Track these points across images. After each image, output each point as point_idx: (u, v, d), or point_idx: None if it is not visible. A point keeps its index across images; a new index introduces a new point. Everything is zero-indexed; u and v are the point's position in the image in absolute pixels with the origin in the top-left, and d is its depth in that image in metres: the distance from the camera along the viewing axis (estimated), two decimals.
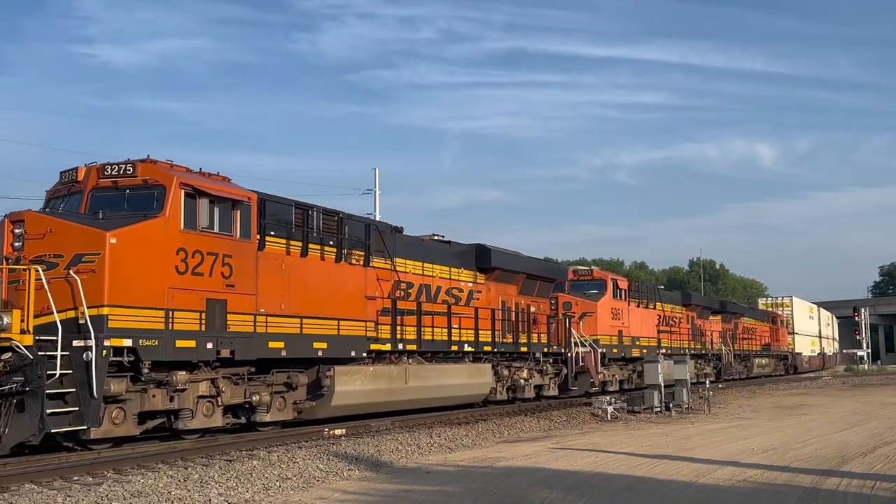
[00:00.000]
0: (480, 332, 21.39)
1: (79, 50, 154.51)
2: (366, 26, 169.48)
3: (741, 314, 48.30)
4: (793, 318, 60.04)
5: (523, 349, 23.54)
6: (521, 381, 23.45)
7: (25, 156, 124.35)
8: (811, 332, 66.31)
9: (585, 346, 25.84)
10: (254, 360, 14.61)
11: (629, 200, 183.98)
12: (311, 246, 15.80)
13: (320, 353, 15.75)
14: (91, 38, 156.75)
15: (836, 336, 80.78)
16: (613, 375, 29.38)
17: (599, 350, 26.48)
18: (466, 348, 20.87)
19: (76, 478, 10.51)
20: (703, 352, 38.89)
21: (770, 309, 59.38)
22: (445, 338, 19.94)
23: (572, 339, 25.56)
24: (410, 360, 18.83)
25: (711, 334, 40.93)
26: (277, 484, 10.47)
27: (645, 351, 30.85)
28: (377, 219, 30.72)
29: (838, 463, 12.19)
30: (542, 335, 24.69)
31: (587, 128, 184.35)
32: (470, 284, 21.77)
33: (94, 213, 12.87)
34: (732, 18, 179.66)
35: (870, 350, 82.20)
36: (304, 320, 15.33)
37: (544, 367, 24.61)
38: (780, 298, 63.23)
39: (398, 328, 18.20)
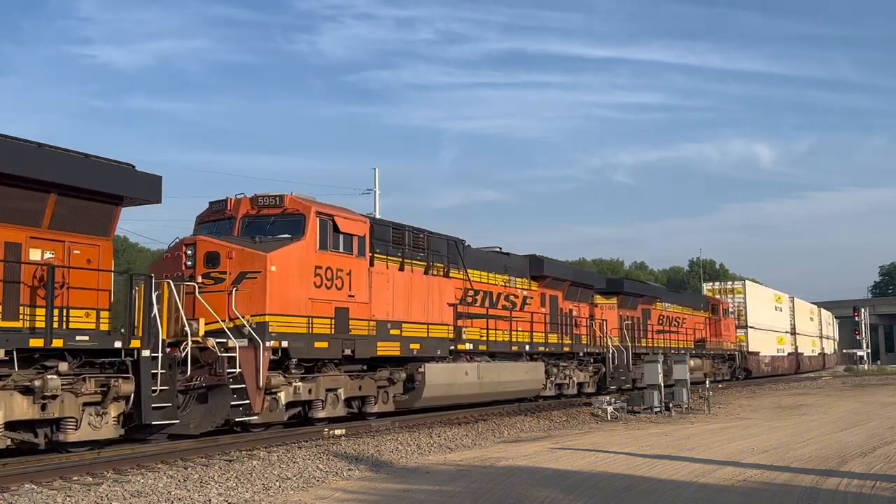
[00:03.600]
0: None
1: (78, 51, 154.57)
2: (364, 27, 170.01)
3: (656, 298, 35.11)
4: (746, 307, 48.35)
5: None
6: None
7: None
8: (777, 326, 54.15)
9: (240, 338, 14.26)
10: None
11: (628, 201, 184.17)
12: None
13: None
14: (90, 39, 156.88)
15: (833, 335, 78.48)
16: (332, 391, 16.43)
17: (268, 343, 14.56)
18: None
19: (76, 478, 10.50)
20: (570, 350, 26.22)
21: (714, 295, 47.62)
22: None
23: (184, 324, 13.85)
24: None
25: (596, 324, 28.46)
26: (277, 484, 10.46)
27: (419, 346, 18.45)
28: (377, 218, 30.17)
29: (838, 463, 12.19)
30: (86, 314, 12.37)
31: (586, 128, 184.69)
32: None
33: None
34: (730, 19, 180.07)
35: (870, 350, 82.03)
36: None
37: (40, 382, 11.38)
38: (729, 283, 50.98)
39: None
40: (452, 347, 19.94)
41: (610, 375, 28.36)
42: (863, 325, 77.75)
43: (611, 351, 28.47)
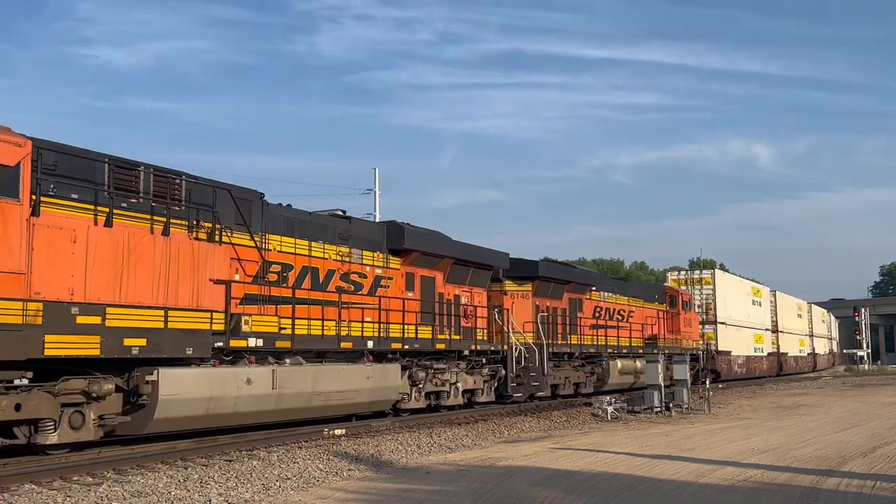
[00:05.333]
0: None
1: (78, 51, 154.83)
2: (363, 28, 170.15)
3: (589, 286, 28.77)
4: (715, 299, 41.65)
5: None
6: None
7: None
8: (755, 322, 47.51)
9: None
10: None
11: (628, 201, 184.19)
12: None
13: None
14: (90, 40, 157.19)
15: (830, 333, 76.94)
16: None
17: None
18: None
19: (76, 478, 10.50)
20: (449, 348, 20.11)
21: (678, 285, 40.55)
22: None
23: None
24: None
25: (498, 315, 22.88)
26: (277, 484, 10.46)
27: (144, 342, 12.19)
28: (377, 220, 30.01)
29: (838, 463, 12.19)
30: None
31: (585, 128, 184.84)
32: None
33: None
34: (728, 20, 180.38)
35: (870, 350, 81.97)
36: None
37: None
38: (696, 272, 43.51)
39: None
40: (220, 344, 13.68)
41: (513, 380, 22.20)
42: (863, 325, 77.64)
43: (513, 349, 22.22)
